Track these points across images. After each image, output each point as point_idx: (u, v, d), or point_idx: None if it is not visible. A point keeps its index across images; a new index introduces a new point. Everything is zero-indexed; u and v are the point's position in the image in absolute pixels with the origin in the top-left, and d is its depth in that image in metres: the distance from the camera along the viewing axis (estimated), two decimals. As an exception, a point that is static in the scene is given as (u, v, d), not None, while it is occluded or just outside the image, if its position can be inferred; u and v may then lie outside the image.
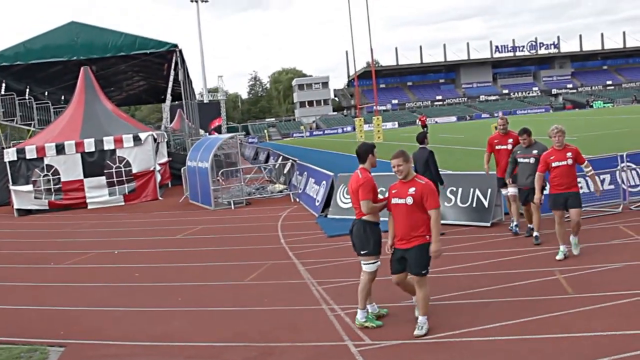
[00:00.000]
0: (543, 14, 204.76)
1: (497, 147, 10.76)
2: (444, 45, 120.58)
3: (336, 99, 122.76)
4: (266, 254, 11.32)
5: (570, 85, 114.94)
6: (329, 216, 14.44)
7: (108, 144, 21.61)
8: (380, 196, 7.18)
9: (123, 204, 21.59)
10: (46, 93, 37.57)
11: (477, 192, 12.02)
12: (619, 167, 12.03)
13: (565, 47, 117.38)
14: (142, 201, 21.76)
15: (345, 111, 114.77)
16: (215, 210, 17.82)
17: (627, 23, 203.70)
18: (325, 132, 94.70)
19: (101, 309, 8.74)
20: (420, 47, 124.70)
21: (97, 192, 21.55)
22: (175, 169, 26.12)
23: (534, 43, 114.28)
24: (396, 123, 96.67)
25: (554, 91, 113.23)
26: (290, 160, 21.73)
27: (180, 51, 27.94)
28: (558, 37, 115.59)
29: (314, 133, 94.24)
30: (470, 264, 9.14)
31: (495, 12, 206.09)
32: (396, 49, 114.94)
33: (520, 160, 9.94)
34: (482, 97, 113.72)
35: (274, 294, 8.57)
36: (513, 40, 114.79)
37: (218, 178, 18.61)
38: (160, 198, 22.08)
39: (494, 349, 5.90)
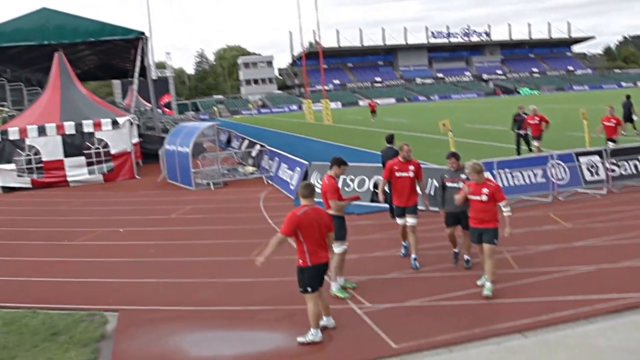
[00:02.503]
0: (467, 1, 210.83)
1: (396, 174, 9.83)
2: (383, 29, 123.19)
3: (280, 77, 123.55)
4: (259, 233, 12.76)
5: (499, 72, 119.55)
6: (304, 199, 16.01)
7: (87, 127, 22.49)
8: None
9: (102, 182, 22.61)
10: (7, 70, 37.39)
11: (434, 181, 13.78)
12: (549, 164, 14.05)
13: (495, 34, 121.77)
14: (120, 179, 22.82)
15: (293, 90, 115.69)
16: (197, 190, 19.12)
17: (553, 11, 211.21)
18: (273, 110, 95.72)
19: (134, 280, 10.11)
20: (360, 30, 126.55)
21: (77, 171, 22.45)
22: (144, 148, 27.19)
23: (467, 30, 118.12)
24: (339, 103, 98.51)
25: (485, 76, 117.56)
26: (258, 145, 23.20)
27: (147, 38, 28.71)
28: (489, 26, 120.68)
29: (262, 111, 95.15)
30: (437, 244, 10.83)
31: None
32: (337, 31, 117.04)
33: (448, 184, 9.47)
34: (419, 80, 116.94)
35: (281, 268, 10.05)
36: (447, 27, 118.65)
37: (198, 161, 19.84)
38: (137, 177, 23.18)
39: (462, 310, 7.69)
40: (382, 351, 6.74)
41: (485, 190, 8.17)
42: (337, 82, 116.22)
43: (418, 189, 9.99)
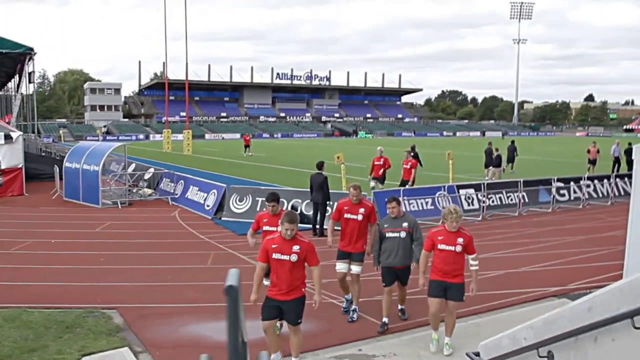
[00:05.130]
0: (306, 46, 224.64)
1: (345, 216, 8.75)
2: (231, 67, 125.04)
3: (127, 105, 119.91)
4: (200, 246, 13.50)
5: (337, 115, 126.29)
6: (223, 219, 16.85)
7: (-21, 140, 21.35)
8: None
9: (-12, 197, 21.42)
10: None
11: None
12: (437, 194, 16.38)
13: (335, 80, 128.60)
14: (8, 195, 21.75)
15: (139, 119, 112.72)
16: (104, 208, 18.99)
17: (376, 62, 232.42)
18: (119, 137, 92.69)
19: (108, 284, 10.32)
20: (209, 66, 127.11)
21: (-38, 185, 21.15)
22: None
23: (309, 74, 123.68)
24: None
25: (324, 118, 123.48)
26: (152, 169, 23.50)
27: (35, 54, 27.66)
28: (330, 72, 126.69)
29: (107, 138, 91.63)
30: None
31: (263, 37, 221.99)
32: (187, 65, 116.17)
33: (388, 234, 8.15)
34: (262, 118, 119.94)
35: (244, 273, 11.02)
36: (292, 69, 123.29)
37: (108, 180, 19.77)
38: (25, 194, 22.25)
39: (422, 302, 9.25)
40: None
41: (460, 240, 7.19)
42: (183, 114, 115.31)
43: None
